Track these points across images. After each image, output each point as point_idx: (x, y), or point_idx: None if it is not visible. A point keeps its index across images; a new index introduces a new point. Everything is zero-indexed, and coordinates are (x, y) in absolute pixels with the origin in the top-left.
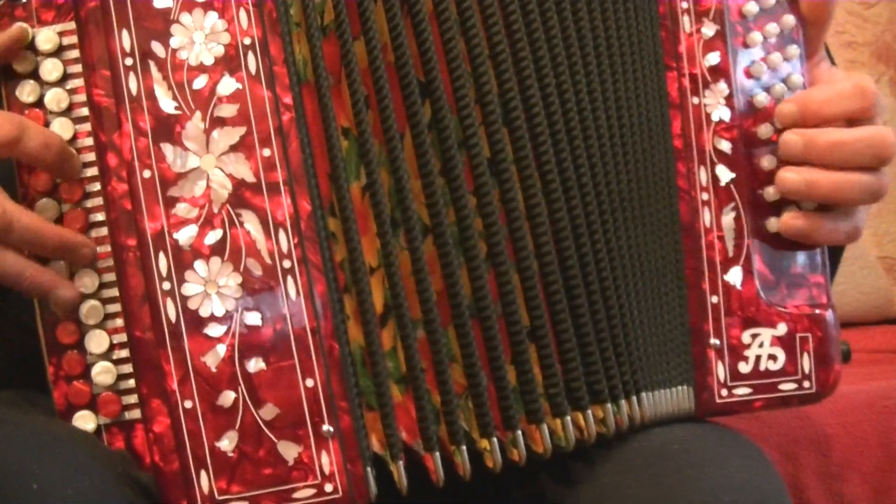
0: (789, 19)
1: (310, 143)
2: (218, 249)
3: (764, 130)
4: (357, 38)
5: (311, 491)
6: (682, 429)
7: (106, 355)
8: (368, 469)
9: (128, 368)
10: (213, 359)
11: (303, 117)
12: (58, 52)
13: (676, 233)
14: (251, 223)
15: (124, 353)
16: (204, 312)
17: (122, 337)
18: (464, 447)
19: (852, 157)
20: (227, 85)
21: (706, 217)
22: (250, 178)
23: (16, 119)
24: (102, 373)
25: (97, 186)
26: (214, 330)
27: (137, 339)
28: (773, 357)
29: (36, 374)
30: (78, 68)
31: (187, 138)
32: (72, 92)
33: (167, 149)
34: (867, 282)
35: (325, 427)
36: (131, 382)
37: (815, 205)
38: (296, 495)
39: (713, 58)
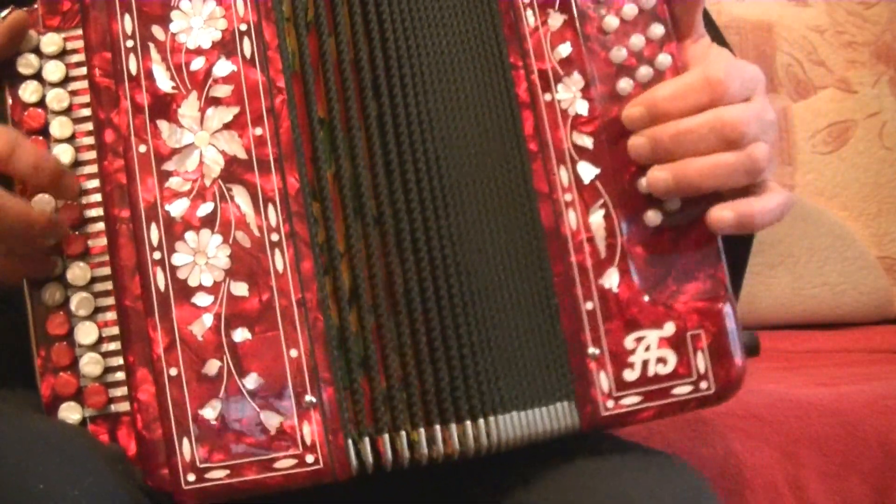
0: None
1: (299, 125)
2: (208, 222)
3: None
4: (331, 35)
5: (293, 461)
6: (582, 442)
7: (95, 347)
8: (350, 441)
9: (116, 361)
10: (200, 328)
11: (293, 100)
12: (61, 55)
13: (539, 239)
14: (241, 198)
15: (113, 345)
16: (192, 282)
17: (112, 330)
18: (403, 433)
19: (700, 142)
20: (223, 67)
21: (571, 219)
22: (242, 155)
23: (11, 136)
24: (90, 363)
25: (93, 183)
26: (202, 300)
27: (127, 309)
28: (662, 360)
29: (29, 372)
30: (79, 72)
31: (183, 116)
32: (73, 93)
33: (163, 125)
34: (867, 282)
35: (308, 398)
36: (119, 375)
37: (678, 204)
38: (277, 465)
39: (563, 49)
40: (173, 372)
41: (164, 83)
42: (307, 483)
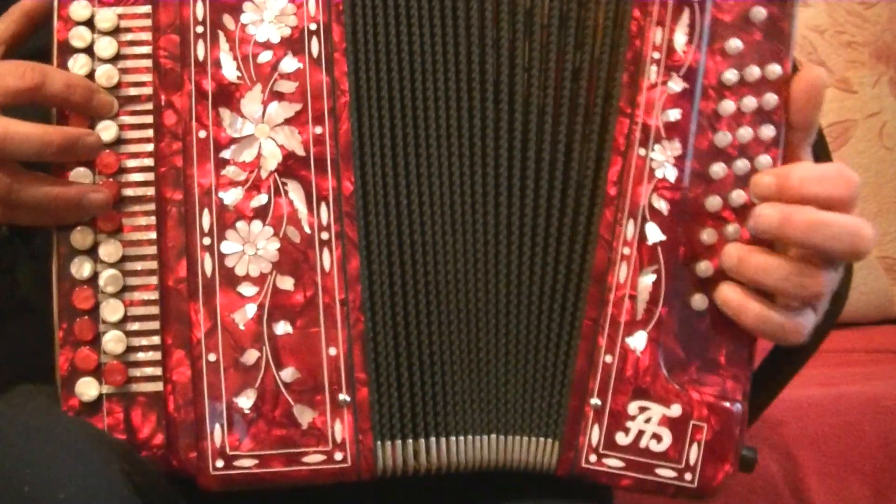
0: (771, 98)
1: (360, 128)
2: (261, 214)
3: (712, 202)
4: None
5: (321, 457)
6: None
7: (119, 325)
8: (379, 443)
9: (138, 341)
10: (242, 317)
11: (355, 103)
12: (115, 32)
13: (583, 280)
14: (295, 193)
15: (137, 325)
16: (239, 271)
17: (138, 310)
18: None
19: (829, 241)
20: (289, 64)
21: (622, 272)
22: (300, 152)
23: (37, 66)
24: (113, 340)
25: (133, 163)
26: (247, 289)
27: (169, 289)
28: (657, 437)
29: (47, 363)
30: (132, 50)
31: (245, 106)
32: (123, 71)
33: (225, 113)
34: (867, 282)
35: (342, 396)
36: (140, 356)
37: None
38: (305, 459)
39: (673, 114)
40: (212, 357)
41: (230, 72)
42: (332, 480)
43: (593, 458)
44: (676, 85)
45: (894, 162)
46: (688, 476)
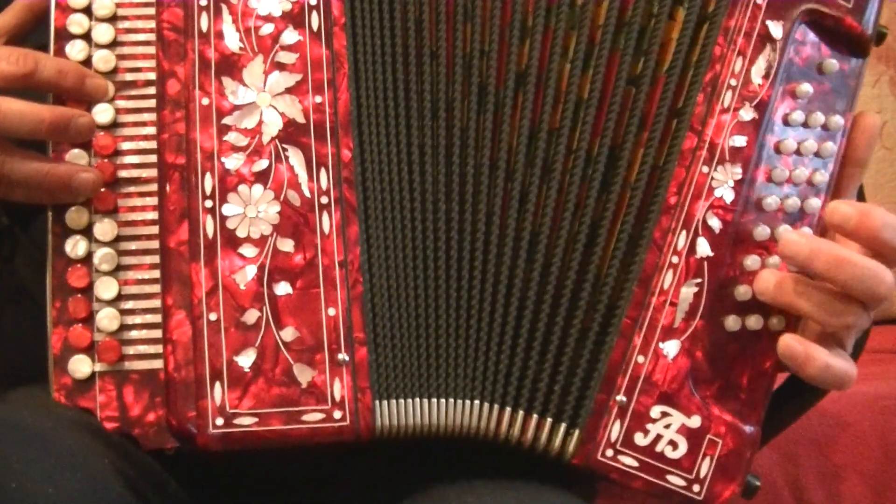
0: (830, 147)
1: (358, 98)
2: (262, 178)
3: (760, 231)
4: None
5: (320, 416)
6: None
7: (114, 303)
8: (377, 402)
9: (131, 320)
10: (243, 277)
11: (354, 74)
12: (112, 19)
13: (630, 280)
14: (296, 159)
15: (131, 303)
16: (241, 233)
17: (132, 288)
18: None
19: (851, 280)
20: (290, 36)
21: (667, 279)
22: (301, 119)
23: (30, 52)
24: (107, 318)
25: (129, 146)
26: (248, 251)
27: (170, 251)
28: (673, 444)
29: (45, 352)
30: (129, 38)
31: (247, 76)
32: (120, 57)
33: (227, 82)
34: None
35: (341, 356)
36: (133, 334)
37: (760, 324)
38: (304, 418)
39: (739, 140)
40: (213, 317)
41: (233, 43)
42: (331, 439)
43: (610, 452)
44: (747, 114)
45: (894, 162)
46: (696, 487)
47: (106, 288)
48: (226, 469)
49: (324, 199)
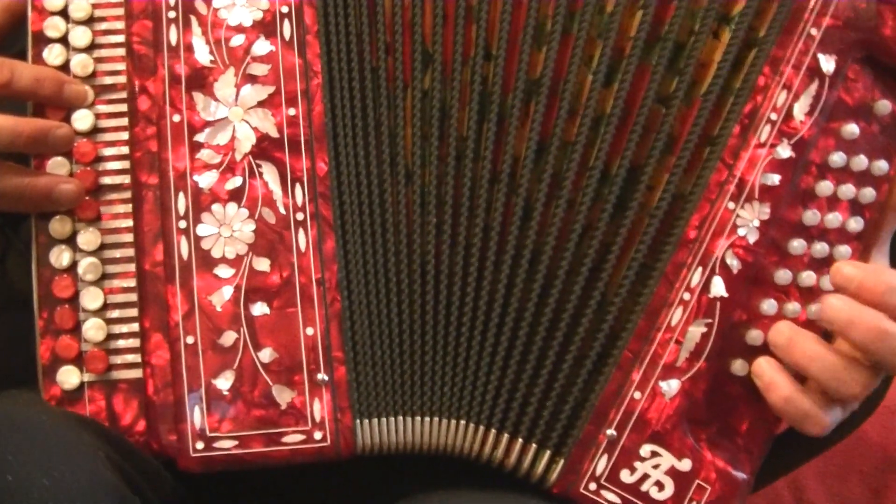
0: (869, 192)
1: (332, 109)
2: (236, 196)
3: (782, 276)
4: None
5: (301, 437)
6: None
7: (99, 313)
8: (358, 421)
9: (119, 329)
10: (219, 299)
11: (328, 84)
12: (89, 21)
13: (636, 312)
14: (270, 175)
15: (117, 312)
16: (216, 253)
17: (117, 297)
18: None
19: (889, 354)
20: (262, 46)
21: (675, 315)
22: (274, 134)
23: (5, 61)
24: (94, 328)
25: (111, 151)
26: (224, 271)
27: (146, 273)
28: (660, 485)
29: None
30: (106, 39)
31: (219, 90)
32: (98, 60)
33: (198, 97)
34: None
35: (321, 376)
36: (121, 343)
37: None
38: (284, 440)
39: (772, 178)
40: (189, 340)
41: (203, 56)
42: (312, 459)
43: (593, 486)
44: (784, 151)
45: None
46: None
47: (92, 298)
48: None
49: (299, 216)
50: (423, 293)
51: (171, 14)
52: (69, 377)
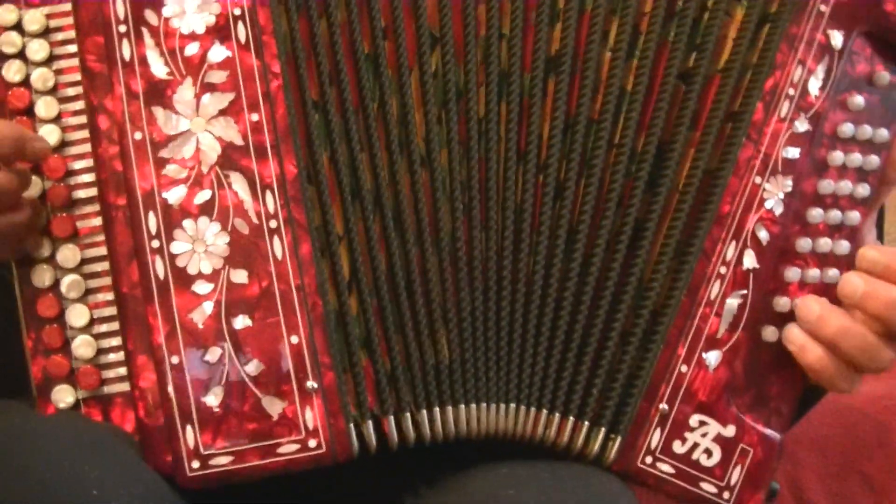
0: (874, 160)
1: (303, 109)
2: (206, 209)
3: (803, 244)
4: (321, 16)
5: (295, 446)
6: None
7: (87, 329)
8: (351, 425)
9: (108, 343)
10: (200, 315)
11: (289, 84)
12: (45, 33)
13: (678, 288)
14: (239, 184)
15: (105, 326)
16: (192, 270)
17: (103, 311)
18: (408, 414)
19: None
20: (218, 52)
21: (714, 289)
22: (238, 141)
23: None
24: (83, 346)
25: (81, 164)
26: (202, 287)
27: (124, 296)
28: (709, 452)
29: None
30: (65, 50)
31: (178, 102)
32: (58, 72)
33: (158, 112)
34: None
35: (310, 383)
36: (111, 357)
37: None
38: (280, 450)
39: (792, 152)
40: (175, 360)
41: (159, 69)
42: (309, 467)
43: (649, 459)
44: (802, 126)
45: None
46: (726, 495)
47: (77, 316)
48: None
49: (272, 223)
50: (455, 280)
51: (122, 28)
52: (64, 396)
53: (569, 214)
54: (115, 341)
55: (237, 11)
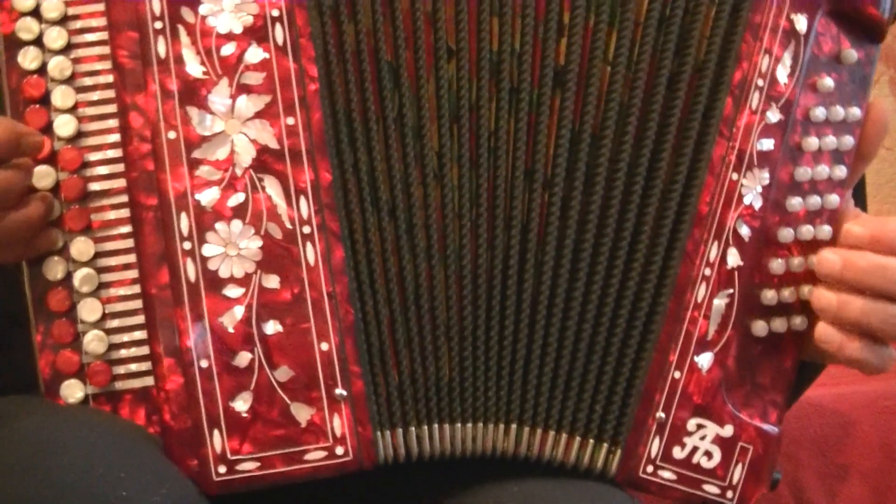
0: (848, 140)
1: (333, 115)
2: (240, 212)
3: (785, 234)
4: (350, 21)
5: (323, 453)
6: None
7: (99, 324)
8: (378, 434)
9: (119, 338)
10: (230, 319)
11: (326, 88)
12: (63, 21)
13: (664, 295)
14: (273, 188)
15: (117, 322)
16: (223, 273)
17: (116, 306)
18: (425, 427)
19: (888, 283)
20: (255, 54)
21: (700, 292)
22: (273, 145)
23: None
24: (95, 341)
25: (95, 156)
26: (233, 291)
27: (152, 297)
28: (708, 454)
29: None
30: (83, 38)
31: (213, 103)
32: (76, 61)
33: (193, 112)
34: None
35: (339, 391)
36: (122, 352)
37: (784, 327)
38: (307, 457)
39: (766, 144)
40: (204, 364)
41: (195, 68)
42: (334, 474)
43: (650, 468)
44: (773, 116)
45: (894, 162)
46: (729, 494)
47: (90, 310)
48: None
49: (306, 229)
50: (460, 297)
51: (158, 24)
52: (73, 391)
53: (574, 234)
54: (127, 337)
55: (275, 13)
